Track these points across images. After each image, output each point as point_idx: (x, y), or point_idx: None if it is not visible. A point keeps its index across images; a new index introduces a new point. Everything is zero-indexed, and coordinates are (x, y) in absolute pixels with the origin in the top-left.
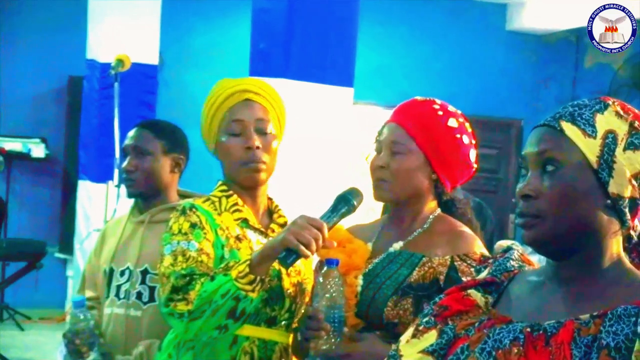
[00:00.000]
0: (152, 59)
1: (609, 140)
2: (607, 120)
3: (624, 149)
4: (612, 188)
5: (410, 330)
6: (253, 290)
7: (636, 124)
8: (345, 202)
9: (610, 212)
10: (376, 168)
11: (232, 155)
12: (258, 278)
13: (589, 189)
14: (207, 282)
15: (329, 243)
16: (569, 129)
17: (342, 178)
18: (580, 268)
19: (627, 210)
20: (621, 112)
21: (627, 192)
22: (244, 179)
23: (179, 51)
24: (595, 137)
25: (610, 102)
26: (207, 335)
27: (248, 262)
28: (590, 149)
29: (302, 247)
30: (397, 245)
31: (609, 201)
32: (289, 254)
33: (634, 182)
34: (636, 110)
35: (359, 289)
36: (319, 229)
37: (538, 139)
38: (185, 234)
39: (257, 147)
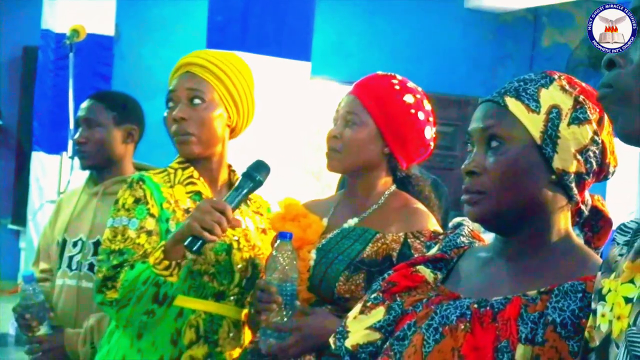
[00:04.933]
0: (108, 29)
1: (553, 115)
2: (551, 95)
3: (569, 124)
4: (557, 163)
5: (358, 307)
6: (171, 275)
7: (581, 98)
8: (249, 178)
9: (556, 188)
10: (330, 138)
11: (168, 126)
12: (174, 263)
13: (533, 164)
14: (128, 270)
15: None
16: (512, 104)
17: (297, 152)
18: (527, 243)
19: (573, 185)
20: (566, 87)
21: (573, 167)
22: (178, 150)
23: (136, 22)
24: (539, 113)
25: (556, 77)
26: (138, 321)
27: (162, 248)
28: (534, 124)
29: (205, 233)
30: (352, 222)
31: (553, 177)
32: (195, 240)
33: (579, 157)
34: (583, 85)
35: (312, 263)
36: (222, 212)
37: (483, 114)
38: (128, 209)
39: (182, 119)
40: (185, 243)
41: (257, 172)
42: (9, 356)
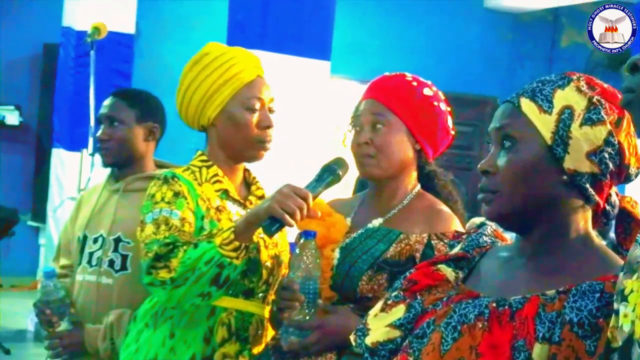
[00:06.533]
0: (129, 27)
1: (565, 116)
2: (565, 96)
3: (581, 125)
4: (568, 164)
5: (379, 304)
6: (237, 257)
7: (595, 99)
8: (331, 171)
9: (570, 188)
10: (359, 145)
11: (248, 130)
12: (242, 245)
13: (545, 165)
14: (191, 249)
15: (314, 213)
16: (526, 105)
17: (318, 151)
18: (544, 243)
19: (587, 186)
20: (583, 88)
21: (585, 168)
22: (252, 154)
23: (156, 20)
24: (550, 113)
25: (575, 78)
26: (190, 303)
27: (232, 229)
28: (545, 124)
29: (287, 216)
30: (376, 222)
31: (565, 177)
32: (273, 222)
33: (592, 157)
34: (605, 86)
35: (335, 262)
36: (304, 199)
37: (499, 115)
38: (169, 202)
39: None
40: (264, 224)
41: (339, 167)
42: (28, 351)
